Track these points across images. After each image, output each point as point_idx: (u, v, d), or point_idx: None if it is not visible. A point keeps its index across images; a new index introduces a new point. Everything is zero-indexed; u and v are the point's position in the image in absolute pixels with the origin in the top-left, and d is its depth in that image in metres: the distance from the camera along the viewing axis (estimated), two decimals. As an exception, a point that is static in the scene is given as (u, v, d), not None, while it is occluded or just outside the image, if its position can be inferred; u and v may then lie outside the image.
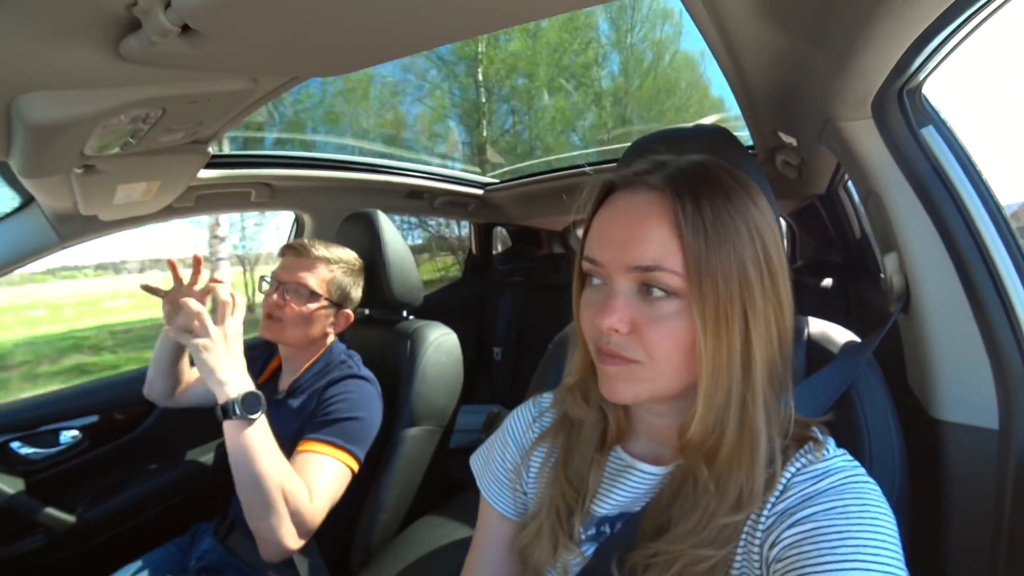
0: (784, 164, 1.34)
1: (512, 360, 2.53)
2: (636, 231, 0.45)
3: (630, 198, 0.48)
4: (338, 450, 0.98)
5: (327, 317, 1.13)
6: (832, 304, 1.80)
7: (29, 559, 1.20)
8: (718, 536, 0.45)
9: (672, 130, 0.71)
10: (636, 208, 0.47)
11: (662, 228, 0.45)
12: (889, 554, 0.39)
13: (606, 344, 0.47)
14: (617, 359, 0.46)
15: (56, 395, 1.36)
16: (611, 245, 0.47)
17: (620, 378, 0.47)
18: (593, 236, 0.50)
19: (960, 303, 0.70)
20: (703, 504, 0.46)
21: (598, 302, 0.48)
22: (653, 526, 0.49)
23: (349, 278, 1.17)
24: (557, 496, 0.56)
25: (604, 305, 0.46)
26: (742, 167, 0.59)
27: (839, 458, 0.47)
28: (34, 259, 1.19)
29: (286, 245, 1.16)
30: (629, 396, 0.48)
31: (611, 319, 0.45)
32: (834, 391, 0.62)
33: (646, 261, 0.45)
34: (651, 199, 0.46)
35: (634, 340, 0.46)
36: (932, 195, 0.73)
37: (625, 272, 0.46)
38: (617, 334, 0.46)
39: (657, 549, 0.47)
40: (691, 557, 0.45)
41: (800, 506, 0.43)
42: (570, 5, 0.56)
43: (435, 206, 2.12)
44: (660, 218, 0.45)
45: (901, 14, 0.54)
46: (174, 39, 0.50)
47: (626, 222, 0.47)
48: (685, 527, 0.46)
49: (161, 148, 0.87)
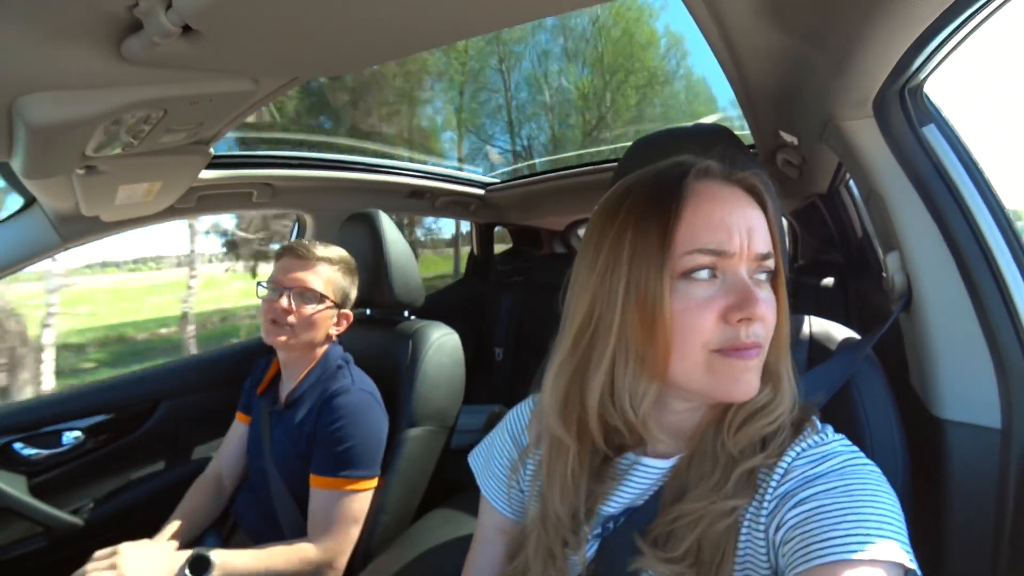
0: (785, 163, 1.34)
1: (513, 361, 2.53)
2: (757, 219, 0.47)
3: (723, 187, 0.48)
4: (352, 482, 1.01)
5: (331, 319, 1.13)
6: (832, 303, 1.80)
7: (32, 560, 1.21)
8: (738, 484, 0.46)
9: (673, 129, 0.71)
10: (737, 197, 0.48)
11: (761, 215, 0.48)
12: (892, 528, 0.40)
13: (746, 337, 0.45)
14: (757, 348, 0.46)
15: (58, 396, 1.36)
16: (738, 233, 0.45)
17: (757, 368, 0.47)
18: (705, 226, 0.45)
19: (962, 302, 0.70)
20: (723, 457, 0.47)
21: (716, 296, 0.45)
22: (672, 496, 0.49)
23: (348, 278, 1.16)
24: (555, 502, 0.54)
25: (745, 296, 0.44)
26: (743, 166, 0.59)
27: (838, 442, 0.47)
28: (36, 260, 1.19)
29: (284, 247, 1.14)
30: (757, 384, 0.47)
31: (760, 307, 0.44)
32: (833, 384, 0.63)
33: (767, 247, 0.47)
34: (746, 187, 0.49)
35: (761, 326, 0.46)
36: (934, 194, 0.72)
37: (750, 260, 0.46)
38: (759, 323, 0.46)
39: (680, 511, 0.47)
40: (713, 514, 0.45)
41: (802, 487, 0.44)
42: (571, 5, 0.56)
43: (436, 206, 2.12)
44: (759, 206, 0.48)
45: (902, 13, 0.54)
46: (175, 40, 0.50)
47: (745, 210, 0.47)
48: (705, 487, 0.47)
49: (162, 149, 0.87)
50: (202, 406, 1.52)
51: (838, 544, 0.39)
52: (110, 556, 0.86)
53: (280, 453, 1.08)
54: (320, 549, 0.98)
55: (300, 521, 1.04)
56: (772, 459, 0.46)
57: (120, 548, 0.87)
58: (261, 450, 1.12)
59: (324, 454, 1.02)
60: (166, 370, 1.54)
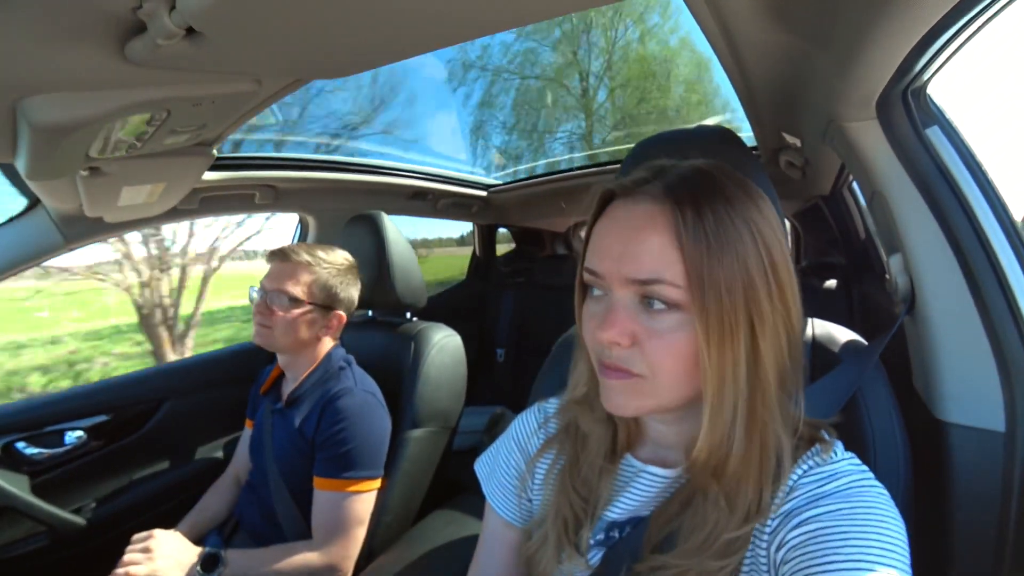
0: (788, 165, 1.34)
1: (515, 361, 2.53)
2: (634, 243, 0.44)
3: (629, 208, 0.46)
4: (356, 483, 1.02)
5: (315, 321, 1.12)
6: (836, 305, 1.79)
7: (34, 559, 1.21)
8: (727, 548, 0.44)
9: (675, 131, 0.71)
10: (634, 219, 0.45)
11: (662, 239, 0.43)
12: (895, 557, 0.39)
13: (608, 357, 0.46)
14: (619, 372, 0.45)
15: (61, 395, 1.36)
16: (610, 257, 0.46)
17: (623, 392, 0.46)
18: (593, 247, 0.48)
19: (965, 304, 0.70)
20: (712, 519, 0.45)
21: (599, 314, 0.47)
22: (659, 536, 0.49)
23: (338, 279, 1.14)
24: (564, 506, 0.55)
25: (605, 318, 0.45)
26: (745, 168, 0.59)
27: (847, 461, 0.46)
28: (40, 261, 1.19)
29: (271, 251, 1.15)
30: (631, 410, 0.47)
31: (611, 332, 0.44)
32: (842, 394, 0.62)
33: (644, 274, 0.43)
34: (650, 209, 0.45)
35: (636, 353, 0.45)
36: (937, 196, 0.72)
37: (625, 284, 0.45)
38: (619, 347, 0.45)
39: (664, 563, 0.46)
40: (700, 570, 0.44)
41: (806, 507, 0.43)
42: (571, 6, 0.56)
43: (439, 207, 2.12)
44: (659, 229, 0.43)
45: (906, 14, 0.54)
46: (179, 41, 0.50)
47: (624, 233, 0.45)
48: (694, 542, 0.45)
49: (166, 150, 0.88)
50: (205, 406, 1.53)
51: (839, 570, 0.38)
52: (145, 539, 0.91)
53: (281, 452, 1.09)
54: (326, 552, 0.98)
55: (300, 521, 1.04)
56: (764, 518, 0.45)
57: (155, 533, 0.92)
58: (263, 449, 1.12)
59: (327, 456, 1.02)
60: (168, 370, 1.54)
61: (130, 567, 0.86)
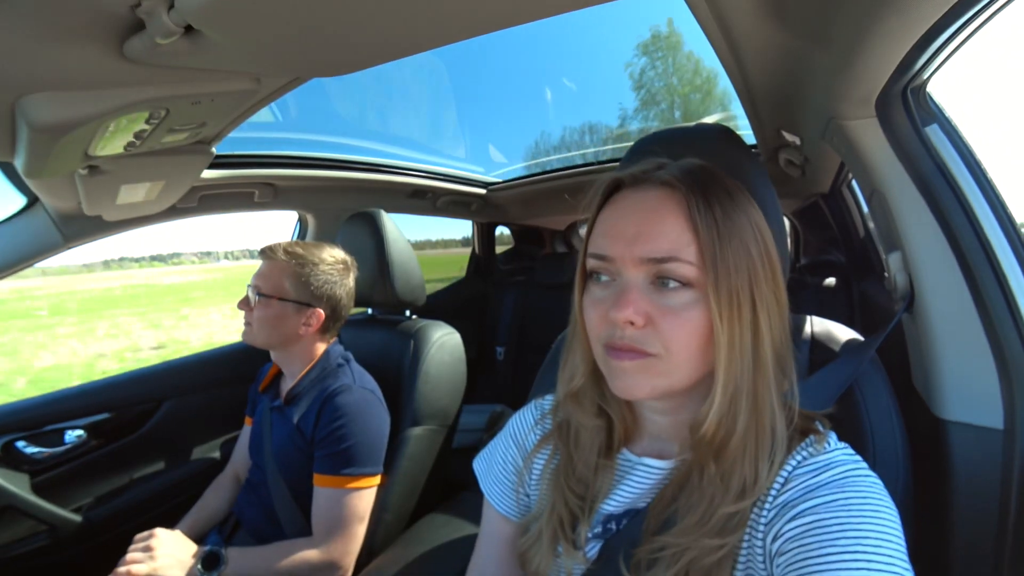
0: (787, 163, 1.34)
1: (515, 360, 2.53)
2: (650, 223, 0.46)
3: (640, 194, 0.48)
4: (355, 479, 1.02)
5: (289, 317, 1.10)
6: (835, 303, 1.79)
7: (34, 558, 1.21)
8: (725, 525, 0.45)
9: (674, 129, 0.70)
10: (647, 202, 0.47)
11: (677, 220, 0.46)
12: (891, 546, 0.39)
13: (620, 339, 0.46)
14: (632, 353, 0.46)
15: (61, 394, 1.36)
16: (623, 239, 0.47)
17: (636, 372, 0.46)
18: (600, 232, 0.50)
19: (964, 302, 0.70)
20: (708, 495, 0.46)
21: (608, 298, 0.47)
22: (657, 521, 0.49)
23: (318, 276, 1.13)
24: (559, 502, 0.56)
25: (618, 299, 0.46)
26: (745, 166, 0.59)
27: (840, 451, 0.47)
28: (39, 259, 1.19)
29: (260, 250, 1.17)
30: (646, 390, 0.47)
31: (626, 311, 0.45)
32: (837, 387, 0.62)
33: (661, 252, 0.45)
34: (662, 194, 0.47)
35: (650, 333, 0.46)
36: (936, 194, 0.72)
37: (638, 265, 0.46)
38: (632, 327, 0.46)
39: (664, 543, 0.46)
40: (699, 549, 0.45)
41: (801, 499, 0.43)
42: (571, 5, 0.56)
43: (438, 206, 2.12)
44: (674, 211, 0.46)
45: (905, 12, 0.54)
46: (177, 40, 0.50)
47: (638, 215, 0.47)
48: (691, 519, 0.46)
49: (165, 148, 0.88)
50: (204, 405, 1.53)
51: (835, 561, 0.38)
52: (147, 539, 0.92)
53: (280, 450, 1.09)
54: (326, 549, 0.99)
55: (300, 518, 1.05)
56: (760, 495, 0.45)
57: (157, 532, 0.92)
58: (262, 447, 1.12)
59: (326, 453, 1.03)
60: (168, 369, 1.54)
61: (131, 566, 0.87)
